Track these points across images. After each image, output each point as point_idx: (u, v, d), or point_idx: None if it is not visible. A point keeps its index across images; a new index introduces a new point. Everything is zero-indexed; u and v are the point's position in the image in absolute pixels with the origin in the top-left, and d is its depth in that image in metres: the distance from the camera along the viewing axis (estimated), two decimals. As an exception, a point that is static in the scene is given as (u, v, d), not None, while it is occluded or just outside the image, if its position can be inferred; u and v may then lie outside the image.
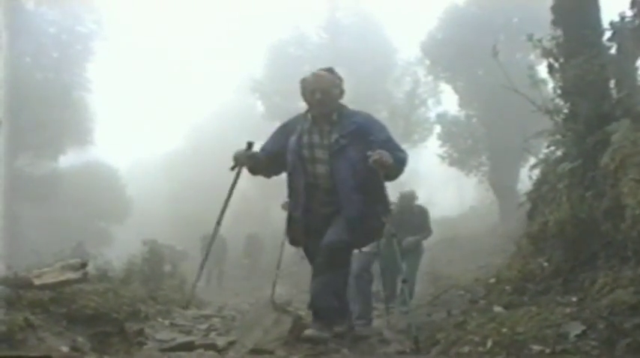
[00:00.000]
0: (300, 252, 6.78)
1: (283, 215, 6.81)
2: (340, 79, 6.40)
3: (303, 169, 6.11)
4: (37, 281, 5.70)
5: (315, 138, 6.17)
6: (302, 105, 6.45)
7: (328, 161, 6.04)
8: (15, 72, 22.60)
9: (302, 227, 6.25)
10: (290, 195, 6.42)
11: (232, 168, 6.32)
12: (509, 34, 21.10)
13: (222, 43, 79.11)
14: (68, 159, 31.95)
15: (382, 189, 5.98)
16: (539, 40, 7.88)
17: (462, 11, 24.59)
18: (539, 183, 8.05)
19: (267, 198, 31.16)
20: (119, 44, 71.23)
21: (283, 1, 45.02)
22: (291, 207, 6.43)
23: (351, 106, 6.41)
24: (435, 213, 11.61)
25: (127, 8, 73.22)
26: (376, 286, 9.49)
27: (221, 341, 5.68)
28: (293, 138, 6.21)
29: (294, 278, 18.55)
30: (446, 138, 26.02)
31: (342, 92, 6.37)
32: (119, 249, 20.27)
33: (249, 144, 6.31)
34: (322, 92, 6.11)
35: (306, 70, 28.91)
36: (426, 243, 11.11)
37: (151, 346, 5.55)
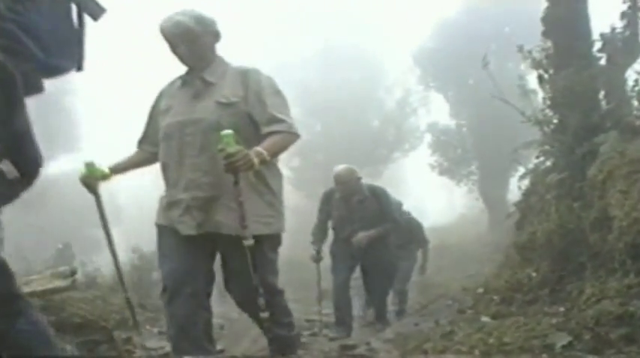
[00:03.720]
0: None
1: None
2: None
3: None
4: (25, 289, 5.69)
5: None
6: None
7: None
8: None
9: None
10: None
11: None
12: (500, 44, 21.13)
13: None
14: (57, 166, 31.89)
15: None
16: (530, 51, 7.93)
17: (453, 21, 24.66)
18: (527, 194, 8.09)
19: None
20: (111, 49, 71.02)
21: (277, 4, 44.91)
22: None
23: (342, 114, 6.06)
24: (424, 220, 11.31)
25: (117, 12, 72.91)
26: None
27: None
28: None
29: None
30: (436, 147, 26.08)
31: None
32: (108, 256, 20.12)
33: None
34: None
35: (298, 78, 28.53)
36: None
37: (139, 354, 5.56)
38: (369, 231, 8.06)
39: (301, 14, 32.24)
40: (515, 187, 9.87)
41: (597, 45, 7.30)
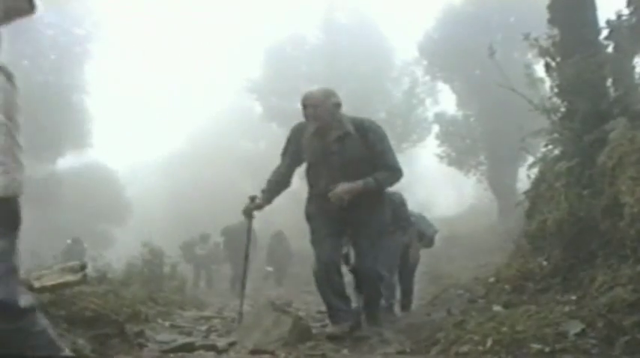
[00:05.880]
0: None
1: (286, 215, 6.49)
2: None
3: None
4: (36, 284, 5.72)
5: None
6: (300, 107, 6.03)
7: None
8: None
9: None
10: None
11: None
12: (506, 33, 21.14)
13: (220, 44, 79.14)
14: (67, 162, 32.00)
15: None
16: (536, 39, 7.91)
17: (458, 11, 24.64)
18: (537, 182, 8.06)
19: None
20: (117, 46, 71.24)
21: (281, 2, 45.06)
22: None
23: (348, 107, 5.91)
24: (434, 212, 11.28)
25: (124, 10, 73.13)
26: None
27: (221, 343, 5.69)
28: None
29: (294, 279, 18.56)
30: (444, 137, 26.10)
31: None
32: (119, 251, 20.21)
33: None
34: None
35: (304, 70, 28.84)
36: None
37: (151, 347, 5.57)
38: (353, 183, 5.87)
39: (306, 4, 32.29)
40: (524, 176, 9.86)
41: (604, 32, 7.27)
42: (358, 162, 5.95)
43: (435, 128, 27.39)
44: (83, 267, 6.29)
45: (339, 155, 5.97)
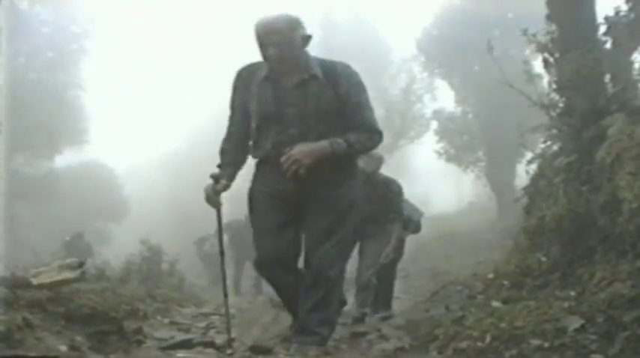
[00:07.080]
0: None
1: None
2: None
3: None
4: (34, 281, 5.70)
5: None
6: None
7: None
8: (10, 72, 22.50)
9: None
10: None
11: None
12: (504, 30, 21.08)
13: (218, 41, 78.97)
14: (65, 159, 31.87)
15: None
16: (534, 35, 7.90)
17: (456, 7, 24.62)
18: (535, 178, 8.06)
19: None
20: (115, 43, 71.08)
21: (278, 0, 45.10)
22: None
23: None
24: (433, 208, 11.25)
25: (121, 7, 72.97)
26: None
27: (220, 339, 5.68)
28: None
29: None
30: (442, 134, 26.08)
31: None
32: (117, 249, 20.15)
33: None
34: None
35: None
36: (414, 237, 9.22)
37: (149, 344, 5.56)
38: (314, 143, 4.34)
39: (303, 2, 32.30)
40: (523, 172, 9.87)
41: (602, 28, 7.28)
42: (323, 118, 4.43)
43: (434, 124, 27.38)
44: (81, 264, 6.26)
45: (297, 106, 4.42)
